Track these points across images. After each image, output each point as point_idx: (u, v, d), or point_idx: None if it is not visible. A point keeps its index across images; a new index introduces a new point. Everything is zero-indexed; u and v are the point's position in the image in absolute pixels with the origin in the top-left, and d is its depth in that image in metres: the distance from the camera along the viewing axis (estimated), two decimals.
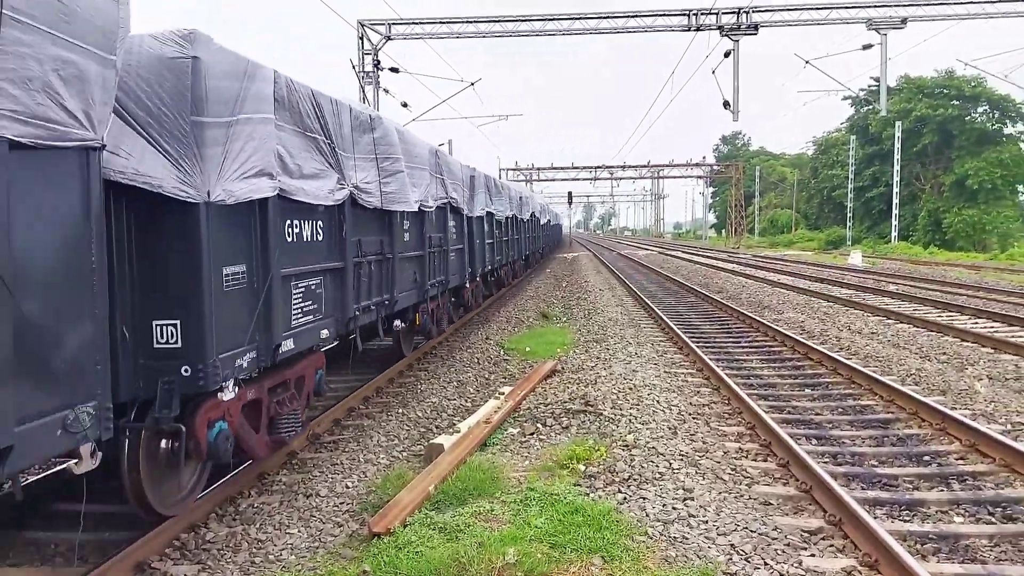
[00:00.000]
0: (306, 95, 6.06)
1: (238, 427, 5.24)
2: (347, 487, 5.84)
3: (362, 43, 25.67)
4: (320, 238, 6.52)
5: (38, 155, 3.33)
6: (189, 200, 4.39)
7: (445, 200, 11.25)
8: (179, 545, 4.75)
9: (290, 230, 5.89)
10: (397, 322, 9.15)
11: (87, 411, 3.59)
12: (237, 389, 5.03)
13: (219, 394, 4.84)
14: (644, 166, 68.85)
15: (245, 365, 5.11)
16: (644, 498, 5.24)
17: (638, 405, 7.82)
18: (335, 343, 8.47)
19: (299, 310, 6.05)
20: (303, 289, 6.13)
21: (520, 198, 23.08)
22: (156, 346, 4.48)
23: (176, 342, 4.51)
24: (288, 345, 5.73)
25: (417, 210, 9.35)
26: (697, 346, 11.16)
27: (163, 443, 4.86)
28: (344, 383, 9.32)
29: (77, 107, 3.49)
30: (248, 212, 5.16)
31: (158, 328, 4.49)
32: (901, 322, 14.12)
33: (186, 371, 4.50)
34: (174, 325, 4.50)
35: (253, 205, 5.17)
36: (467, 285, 14.03)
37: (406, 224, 9.27)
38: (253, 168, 5.01)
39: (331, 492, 5.73)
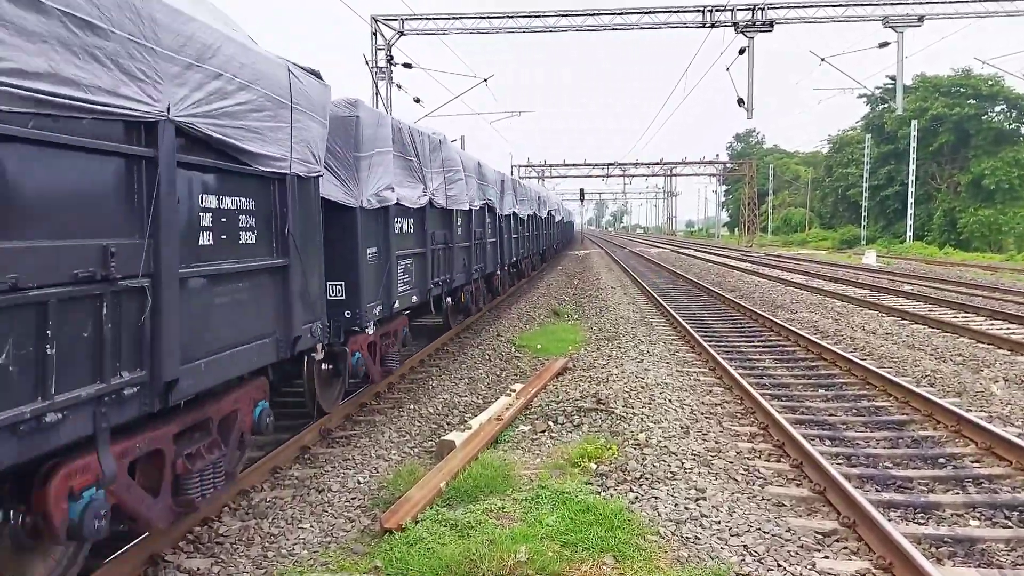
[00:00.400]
0: (406, 131, 8.59)
1: (366, 358, 7.62)
2: (359, 482, 5.86)
3: (375, 38, 25.68)
4: (411, 231, 9.14)
5: (304, 182, 5.72)
6: (351, 206, 6.98)
7: (484, 201, 13.79)
8: (192, 538, 4.78)
9: (398, 225, 8.42)
10: (448, 299, 11.83)
11: (320, 326, 6.07)
12: (371, 331, 7.57)
13: (366, 330, 7.44)
14: (657, 163, 68.60)
15: (377, 314, 7.66)
16: (656, 497, 5.22)
17: (650, 404, 7.79)
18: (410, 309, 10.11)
19: (402, 281, 8.63)
20: (403, 266, 8.69)
21: (538, 198, 25.84)
22: (329, 298, 6.66)
23: (342, 296, 7.06)
24: (397, 305, 8.37)
25: (467, 209, 12.10)
26: (710, 345, 11.11)
27: (323, 365, 6.94)
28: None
29: (316, 153, 5.91)
30: (379, 213, 7.77)
31: (331, 287, 6.87)
32: (916, 323, 14.01)
33: (347, 314, 7.08)
34: (340, 285, 7.04)
35: (381, 208, 7.72)
36: (498, 272, 16.66)
37: (459, 221, 11.76)
38: (383, 184, 7.59)
39: (343, 487, 5.75)
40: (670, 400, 8.02)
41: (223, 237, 4.59)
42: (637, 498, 5.22)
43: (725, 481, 5.64)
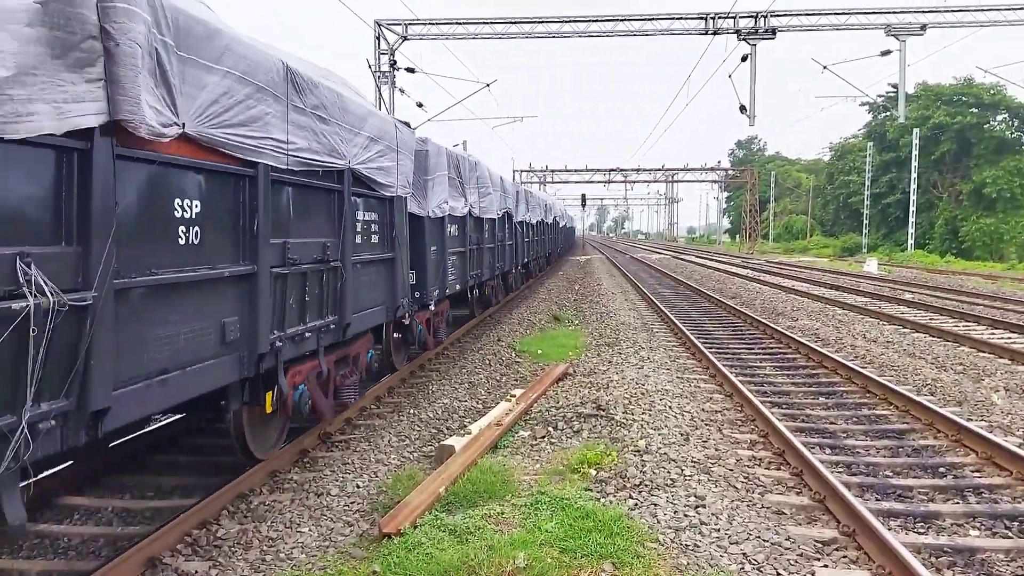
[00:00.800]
0: (454, 157, 11.08)
1: (425, 330, 9.96)
2: (358, 487, 5.85)
3: (379, 43, 25.73)
4: (457, 234, 11.85)
5: (401, 200, 8.12)
6: (421, 215, 9.54)
7: (505, 210, 16.50)
8: (191, 541, 4.77)
9: (448, 230, 10.95)
10: (475, 292, 14.25)
11: (407, 301, 8.46)
12: (430, 309, 10.02)
13: (429, 307, 9.96)
14: (658, 169, 68.64)
15: (435, 296, 10.06)
16: (655, 504, 5.21)
17: (650, 410, 7.78)
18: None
19: (451, 273, 11.18)
20: (451, 261, 11.25)
21: (545, 205, 29.13)
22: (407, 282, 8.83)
23: (414, 281, 9.43)
24: (448, 290, 11.00)
25: (493, 217, 14.91)
26: (710, 351, 11.10)
27: (395, 335, 9.38)
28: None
29: (408, 180, 8.30)
30: (438, 220, 10.22)
31: (411, 273, 9.07)
32: (917, 331, 14.00)
33: (417, 295, 9.52)
34: (414, 272, 9.36)
35: (439, 217, 10.21)
36: (512, 271, 19.61)
37: (487, 227, 14.57)
38: (441, 199, 10.15)
39: (342, 491, 5.74)
40: (670, 407, 8.01)
41: (365, 237, 7.18)
42: (636, 505, 5.21)
43: (725, 489, 5.63)
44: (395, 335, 9.40)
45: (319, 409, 6.33)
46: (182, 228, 4.19)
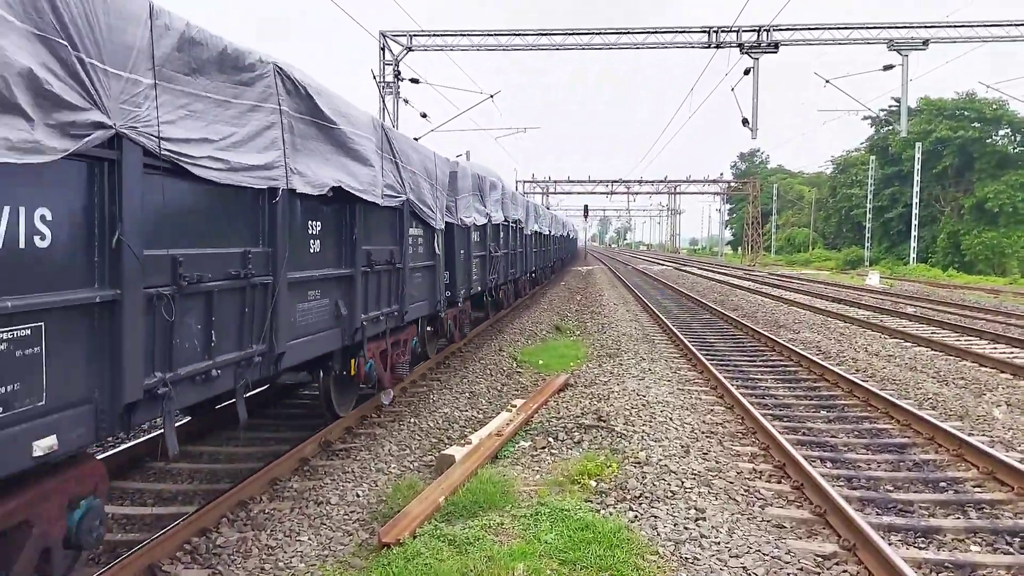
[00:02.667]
0: (477, 176, 12.69)
1: (452, 324, 11.66)
2: (358, 496, 5.84)
3: (383, 54, 25.88)
4: (479, 241, 13.24)
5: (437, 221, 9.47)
6: (456, 225, 10.90)
7: (516, 220, 17.96)
8: (190, 549, 4.77)
9: (472, 236, 12.43)
10: (491, 294, 15.36)
11: (444, 298, 10.18)
12: (458, 306, 11.66)
13: (458, 304, 11.54)
14: (661, 181, 68.79)
15: (462, 295, 11.65)
16: (656, 517, 5.20)
17: (651, 422, 7.77)
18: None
19: (474, 275, 12.76)
20: (475, 264, 12.77)
21: (552, 218, 31.80)
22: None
23: (448, 281, 10.71)
24: (471, 291, 12.50)
25: (508, 227, 16.63)
26: (711, 364, 11.10)
27: (427, 327, 10.59)
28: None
29: (446, 208, 10.22)
30: (467, 229, 11.78)
31: (445, 274, 10.38)
32: (919, 345, 13.98)
33: (448, 294, 10.63)
34: (447, 273, 10.63)
35: (466, 226, 11.64)
36: (522, 277, 20.90)
37: (501, 236, 15.89)
38: (470, 213, 11.77)
39: (342, 500, 5.73)
40: (671, 418, 8.00)
41: (414, 249, 8.83)
42: (637, 517, 5.20)
43: (725, 501, 5.62)
44: (428, 328, 10.76)
45: (382, 379, 7.92)
46: (312, 242, 6.01)
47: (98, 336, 3.52)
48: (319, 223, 6.06)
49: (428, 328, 10.69)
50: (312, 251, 5.95)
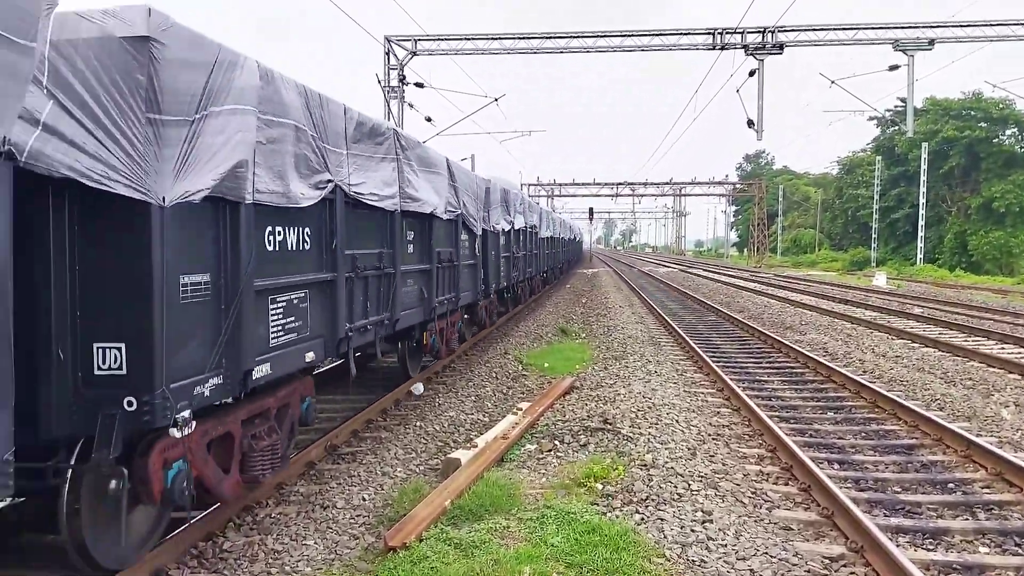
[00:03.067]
0: (503, 189, 14.60)
1: (484, 313, 13.87)
2: (364, 499, 5.85)
3: (388, 58, 25.95)
4: (503, 244, 15.02)
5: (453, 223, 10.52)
6: (488, 231, 12.78)
7: (532, 225, 20.12)
8: (196, 553, 4.78)
9: (500, 240, 14.63)
10: (510, 291, 17.62)
11: (483, 289, 12.85)
12: (490, 298, 14.12)
13: (491, 296, 14.16)
14: (666, 183, 68.73)
15: (494, 288, 13.81)
16: (662, 519, 5.19)
17: (657, 424, 7.76)
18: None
19: (502, 273, 14.64)
20: (501, 263, 14.52)
21: (560, 222, 34.51)
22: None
23: (483, 277, 12.61)
24: (499, 286, 14.40)
25: (527, 232, 18.94)
26: (718, 365, 11.07)
27: (465, 315, 12.45)
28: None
29: (484, 217, 12.65)
30: (496, 234, 13.69)
31: (481, 271, 12.51)
32: (926, 346, 13.92)
33: (483, 287, 12.68)
34: (483, 271, 12.55)
35: (495, 231, 13.64)
36: (537, 276, 23.21)
37: (520, 239, 17.89)
38: (499, 220, 13.83)
39: (348, 504, 5.74)
40: (677, 421, 7.98)
41: (463, 251, 10.96)
42: (643, 519, 5.18)
43: (732, 504, 5.60)
44: (465, 316, 12.30)
45: (440, 352, 10.20)
46: (408, 245, 8.41)
47: (328, 299, 6.06)
48: (411, 232, 8.54)
49: (465, 316, 12.62)
50: (408, 252, 8.44)
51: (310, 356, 5.73)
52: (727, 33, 24.57)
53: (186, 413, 4.07)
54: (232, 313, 4.50)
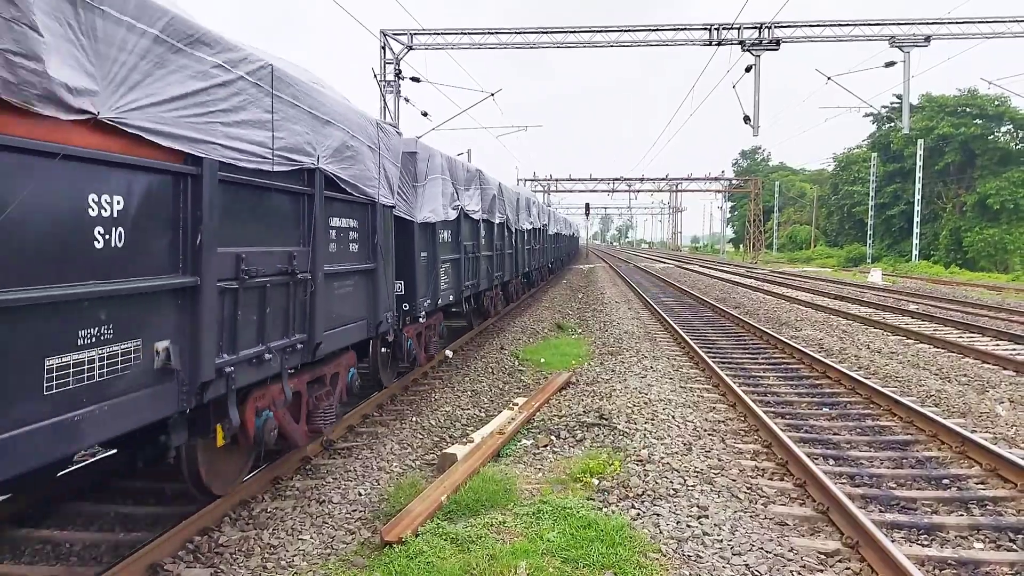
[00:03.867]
0: (530, 200, 21.87)
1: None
2: (360, 494, 5.84)
3: (384, 52, 25.86)
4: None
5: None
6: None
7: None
8: (192, 548, 4.77)
9: (527, 238, 20.84)
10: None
11: (511, 273, 18.40)
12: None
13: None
14: (662, 179, 68.65)
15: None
16: (658, 515, 5.20)
17: (653, 420, 7.76)
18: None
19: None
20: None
21: (549, 214, 34.92)
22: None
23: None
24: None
25: (531, 229, 21.62)
26: (713, 361, 11.08)
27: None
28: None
29: (529, 218, 21.69)
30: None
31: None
32: (921, 342, 13.95)
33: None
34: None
35: (521, 230, 19.08)
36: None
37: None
38: (527, 222, 20.32)
39: (344, 499, 5.73)
40: (673, 416, 7.99)
41: (496, 242, 15.06)
42: (639, 515, 5.19)
43: (728, 499, 5.61)
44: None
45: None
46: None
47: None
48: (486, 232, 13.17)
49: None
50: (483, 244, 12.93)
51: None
52: (723, 29, 24.55)
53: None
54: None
